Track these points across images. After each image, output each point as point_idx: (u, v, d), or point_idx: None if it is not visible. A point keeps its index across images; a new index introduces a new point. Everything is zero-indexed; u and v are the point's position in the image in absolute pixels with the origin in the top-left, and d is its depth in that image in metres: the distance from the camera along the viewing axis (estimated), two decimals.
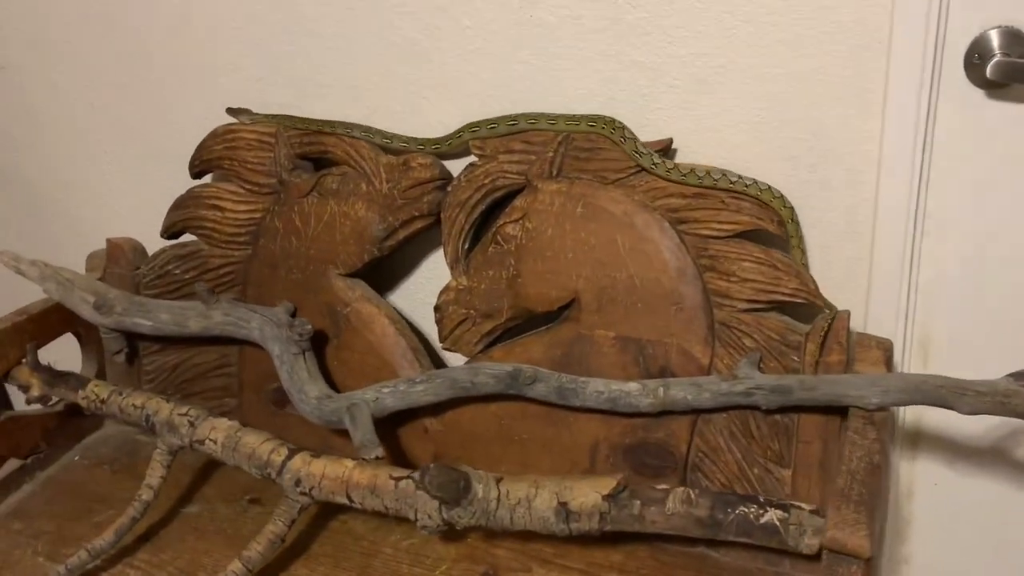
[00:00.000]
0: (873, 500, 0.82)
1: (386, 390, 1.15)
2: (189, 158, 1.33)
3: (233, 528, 1.19)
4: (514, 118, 1.15)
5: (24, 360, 1.29)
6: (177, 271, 1.34)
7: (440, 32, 1.18)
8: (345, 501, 1.08)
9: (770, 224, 1.05)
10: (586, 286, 1.12)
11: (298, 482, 1.08)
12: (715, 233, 1.06)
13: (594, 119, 1.11)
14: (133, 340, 1.36)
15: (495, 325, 1.18)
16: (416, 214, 1.20)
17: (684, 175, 1.06)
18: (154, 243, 1.38)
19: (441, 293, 1.20)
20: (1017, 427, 1.07)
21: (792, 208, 1.04)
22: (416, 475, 1.05)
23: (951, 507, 1.15)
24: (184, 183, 1.36)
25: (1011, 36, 0.97)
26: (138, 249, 1.39)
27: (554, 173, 1.13)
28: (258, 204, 1.29)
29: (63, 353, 1.34)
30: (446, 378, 1.14)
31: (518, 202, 1.15)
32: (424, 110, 1.23)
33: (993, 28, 0.98)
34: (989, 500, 1.13)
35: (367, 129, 1.23)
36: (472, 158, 1.18)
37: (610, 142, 1.10)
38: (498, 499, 1.01)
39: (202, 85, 1.36)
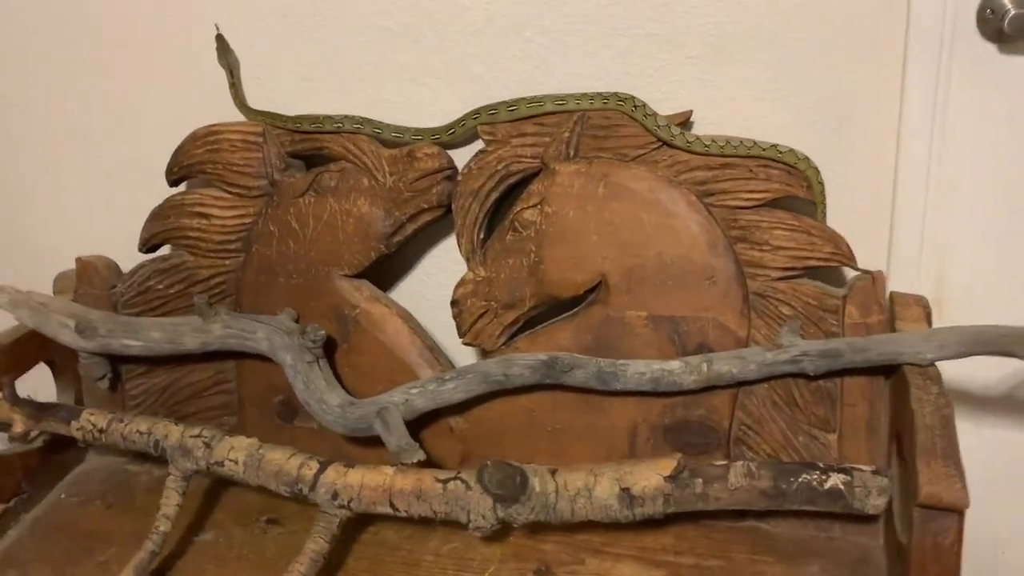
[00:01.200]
0: (956, 451, 0.82)
1: (415, 391, 1.10)
2: (157, 166, 1.25)
3: (255, 553, 1.12)
4: (514, 103, 1.11)
5: (0, 395, 1.18)
6: (160, 286, 1.26)
7: (438, 15, 1.14)
8: (388, 510, 1.03)
9: (800, 189, 1.04)
10: (613, 267, 1.10)
11: (335, 495, 1.03)
12: (744, 203, 1.05)
13: (607, 96, 1.08)
14: (115, 364, 1.26)
15: (518, 315, 1.15)
16: (425, 206, 1.16)
17: (707, 146, 1.05)
18: (126, 260, 1.28)
19: (457, 287, 1.16)
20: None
21: (817, 169, 1.04)
22: (464, 475, 1.00)
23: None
24: (154, 194, 1.27)
25: None
26: (112, 267, 1.29)
27: (571, 154, 1.10)
28: (248, 208, 1.22)
29: (27, 385, 1.24)
30: (478, 373, 1.10)
31: (535, 186, 1.12)
32: (424, 98, 1.18)
33: None
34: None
35: (359, 121, 1.17)
36: (479, 145, 1.14)
37: (628, 118, 1.07)
38: (556, 491, 0.98)
39: (171, 87, 1.27)
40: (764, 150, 1.04)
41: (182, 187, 1.28)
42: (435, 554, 1.09)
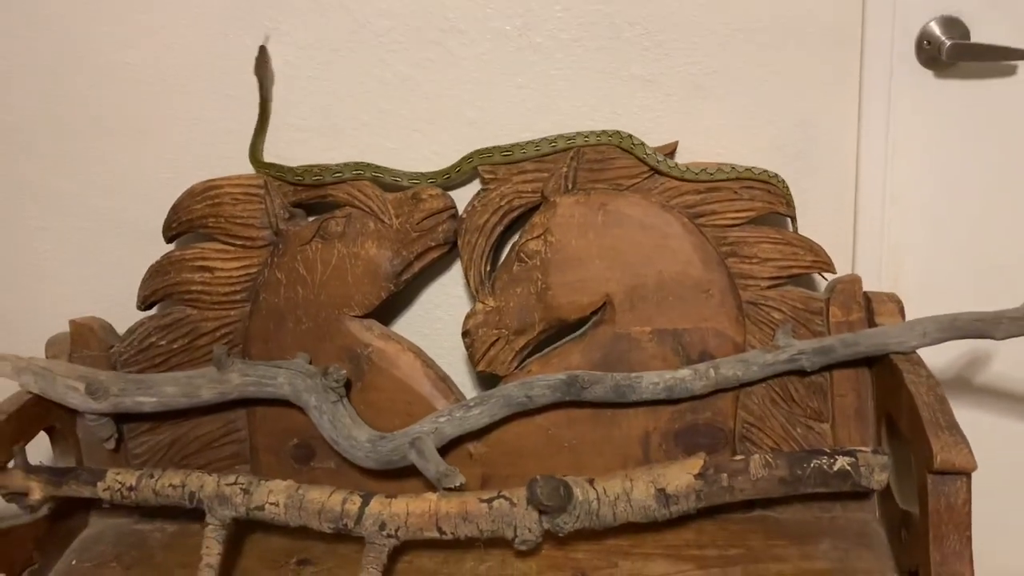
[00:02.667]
0: (956, 423, 0.95)
1: (443, 419, 1.16)
2: (140, 224, 1.29)
3: None
4: (508, 148, 1.20)
5: (10, 464, 1.17)
6: (162, 342, 1.27)
7: (433, 65, 1.21)
8: (435, 535, 1.08)
9: (780, 206, 1.17)
10: (617, 288, 1.19)
11: (382, 525, 1.07)
12: (732, 222, 1.17)
13: (600, 134, 1.18)
14: (118, 424, 1.27)
15: (528, 340, 1.22)
16: (432, 244, 1.22)
17: (697, 174, 1.16)
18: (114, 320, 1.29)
19: (468, 318, 1.22)
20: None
21: (787, 185, 1.17)
22: (507, 493, 1.07)
23: None
24: (138, 252, 1.30)
25: (949, 22, 1.16)
26: (107, 327, 1.30)
27: (569, 187, 1.19)
28: (253, 259, 1.25)
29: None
30: (500, 397, 1.16)
31: (537, 218, 1.20)
32: (417, 143, 1.25)
33: (934, 19, 1.16)
34: None
35: (359, 167, 1.23)
36: (474, 187, 1.22)
37: (620, 151, 1.18)
38: (598, 498, 1.05)
39: (161, 145, 1.29)
40: (741, 173, 1.16)
41: (166, 244, 1.29)
42: (473, 574, 1.14)
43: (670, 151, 1.18)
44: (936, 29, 1.16)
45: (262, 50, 1.23)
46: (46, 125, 1.31)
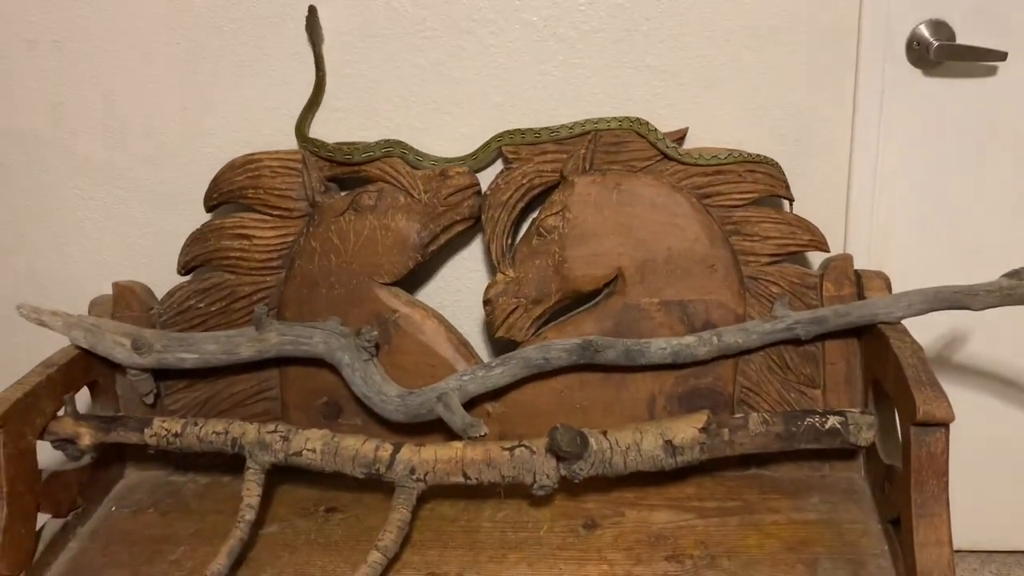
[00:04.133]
0: (937, 381, 1.05)
1: (466, 377, 1.25)
2: (179, 195, 1.39)
3: (324, 537, 1.23)
4: (537, 131, 1.30)
5: (62, 412, 1.25)
6: (201, 304, 1.36)
7: (464, 52, 1.31)
8: (460, 480, 1.17)
9: (781, 188, 1.27)
10: (629, 262, 1.29)
11: (412, 470, 1.16)
12: (736, 202, 1.27)
13: (621, 119, 1.28)
14: (156, 381, 1.35)
15: (544, 309, 1.32)
16: (457, 218, 1.32)
17: (696, 159, 1.26)
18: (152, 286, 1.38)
19: (489, 288, 1.32)
20: None
21: (782, 170, 1.27)
22: (527, 442, 1.16)
23: None
24: (176, 222, 1.40)
25: (937, 25, 1.27)
26: (147, 290, 1.39)
27: (587, 167, 1.29)
28: (290, 228, 1.34)
29: None
30: (520, 359, 1.26)
31: (556, 196, 1.30)
32: (447, 125, 1.35)
33: (923, 22, 1.27)
34: None
35: (390, 144, 1.32)
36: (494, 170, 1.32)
37: (635, 135, 1.28)
38: (611, 448, 1.15)
39: (204, 121, 1.38)
40: (736, 158, 1.27)
41: (205, 214, 1.38)
42: (491, 521, 1.24)
43: (680, 136, 1.29)
44: (925, 31, 1.27)
45: (312, 10, 1.30)
46: (96, 101, 1.39)
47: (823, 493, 1.24)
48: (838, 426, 1.16)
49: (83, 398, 1.32)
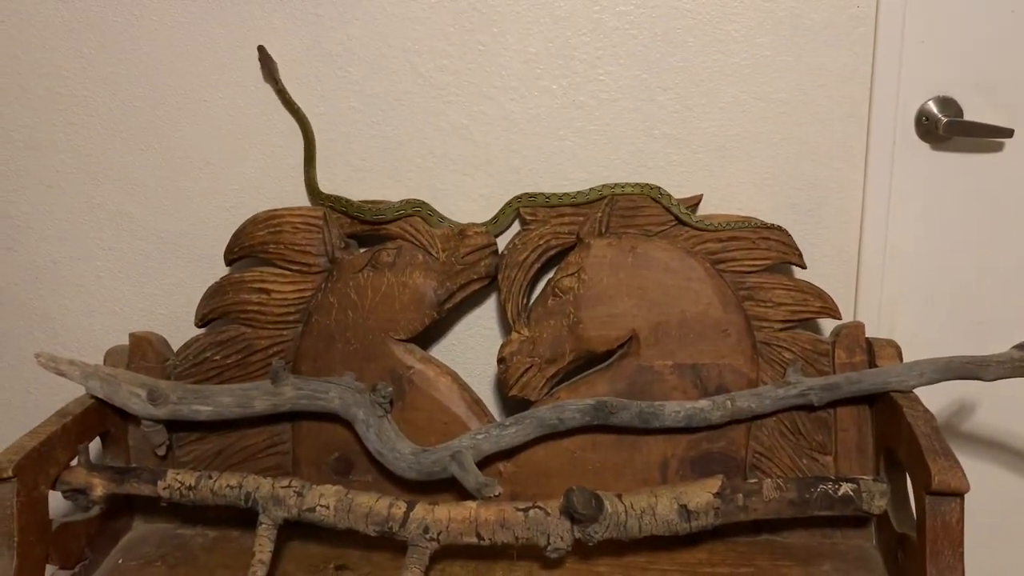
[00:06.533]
0: (951, 451, 1.06)
1: (480, 436, 1.26)
2: (197, 249, 1.43)
3: None
4: (559, 195, 1.33)
5: (75, 462, 1.25)
6: (216, 357, 1.37)
7: (486, 117, 1.34)
8: (473, 540, 1.17)
9: (792, 256, 1.30)
10: (643, 324, 1.31)
11: (426, 529, 1.16)
12: (749, 268, 1.29)
13: (636, 185, 1.31)
14: (169, 432, 1.36)
15: (558, 368, 1.33)
16: (474, 277, 1.34)
17: (707, 225, 1.29)
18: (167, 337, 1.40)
19: (504, 346, 1.33)
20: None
21: (792, 239, 1.30)
22: (542, 503, 1.16)
23: None
24: (194, 274, 1.43)
25: (945, 101, 1.31)
26: (163, 341, 1.40)
27: (603, 230, 1.32)
28: (308, 283, 1.36)
29: None
30: (534, 418, 1.27)
31: (572, 258, 1.32)
32: (466, 186, 1.38)
33: (932, 98, 1.31)
34: None
35: (417, 204, 1.35)
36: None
37: (650, 201, 1.31)
38: (626, 511, 1.15)
39: (224, 176, 1.41)
40: (743, 225, 1.29)
41: (224, 267, 1.40)
42: None
43: (695, 203, 1.32)
44: (933, 107, 1.31)
45: (261, 50, 1.33)
46: (120, 154, 1.42)
47: (835, 560, 1.24)
48: (851, 493, 1.17)
49: (92, 448, 1.32)
